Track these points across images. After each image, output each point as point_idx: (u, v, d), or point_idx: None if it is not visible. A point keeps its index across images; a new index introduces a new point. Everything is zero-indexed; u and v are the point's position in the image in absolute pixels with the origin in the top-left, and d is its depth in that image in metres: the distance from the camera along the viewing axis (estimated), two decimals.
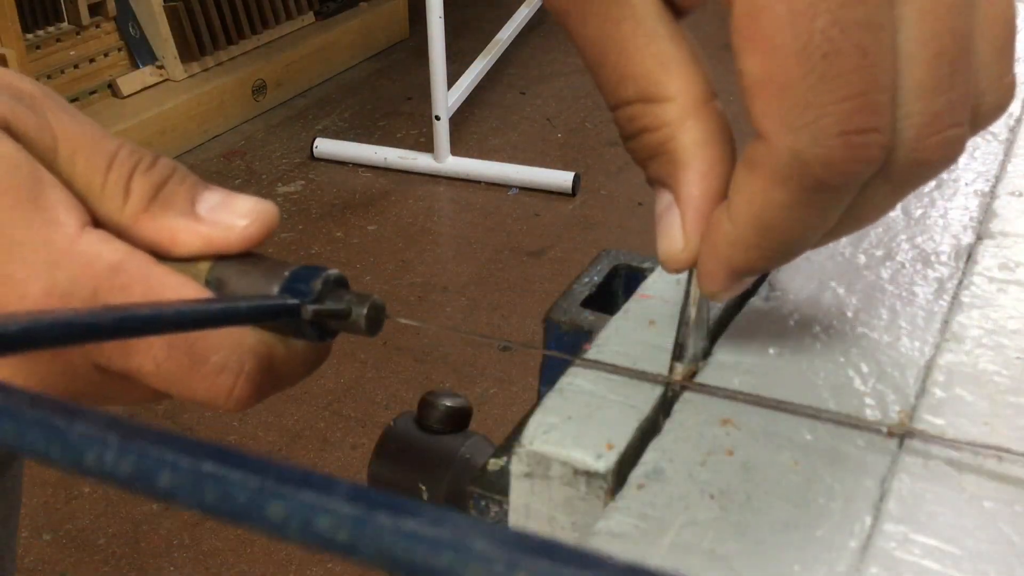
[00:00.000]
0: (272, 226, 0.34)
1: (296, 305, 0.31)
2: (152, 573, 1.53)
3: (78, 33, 2.57)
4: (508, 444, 0.38)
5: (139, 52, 2.73)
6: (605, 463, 0.31)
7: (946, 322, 0.37)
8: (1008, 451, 0.31)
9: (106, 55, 2.66)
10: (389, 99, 3.00)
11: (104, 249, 0.31)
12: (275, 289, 0.32)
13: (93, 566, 1.55)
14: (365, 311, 0.32)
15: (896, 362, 0.35)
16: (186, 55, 2.75)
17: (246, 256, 0.33)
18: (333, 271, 0.32)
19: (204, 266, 0.33)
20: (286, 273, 0.32)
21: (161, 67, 2.75)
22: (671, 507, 0.29)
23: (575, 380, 0.35)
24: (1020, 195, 0.45)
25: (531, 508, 0.33)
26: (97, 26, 2.62)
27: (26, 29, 2.39)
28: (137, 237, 0.32)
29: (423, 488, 0.47)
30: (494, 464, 0.38)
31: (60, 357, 0.32)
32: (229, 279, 0.32)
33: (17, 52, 2.25)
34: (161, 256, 0.32)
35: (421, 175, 2.57)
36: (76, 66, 2.57)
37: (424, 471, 0.47)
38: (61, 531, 1.60)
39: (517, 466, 0.32)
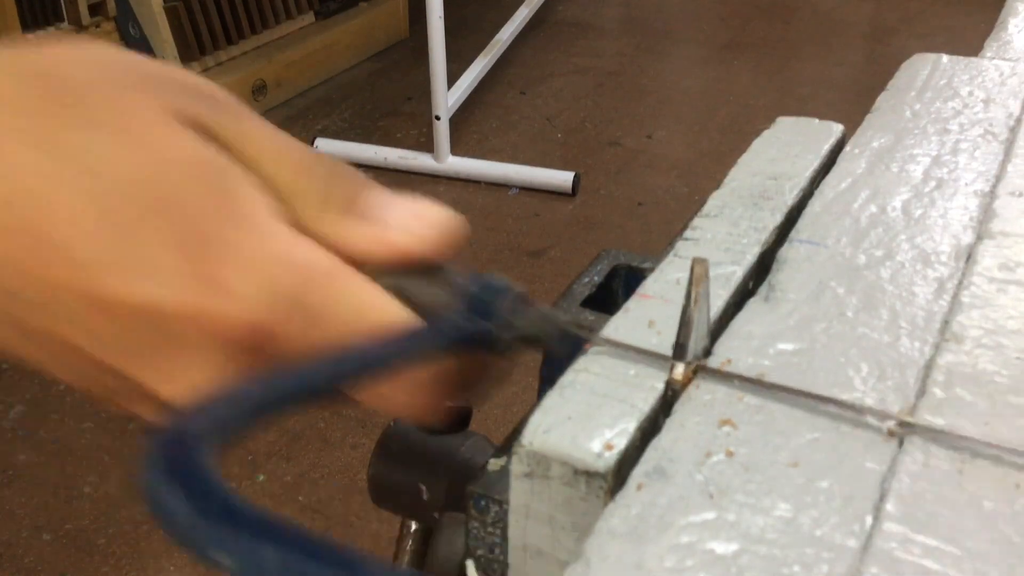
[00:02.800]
0: (459, 234, 0.34)
1: (489, 332, 0.32)
2: (152, 573, 1.53)
3: (78, 33, 2.57)
4: (508, 444, 0.38)
5: (139, 52, 2.72)
6: (605, 463, 0.31)
7: (946, 322, 0.37)
8: (1008, 449, 0.31)
9: None
10: (389, 99, 3.00)
11: (304, 248, 0.31)
12: (461, 306, 0.32)
13: (93, 566, 1.55)
14: (558, 336, 0.33)
15: (896, 362, 0.35)
16: (186, 55, 2.75)
17: (429, 267, 0.33)
18: (516, 287, 0.33)
19: (391, 276, 0.33)
20: (472, 289, 0.33)
21: None
22: (671, 507, 0.29)
23: (575, 380, 0.35)
24: (1020, 195, 0.45)
25: (531, 508, 0.33)
26: (97, 26, 2.62)
27: (26, 29, 2.39)
28: (330, 245, 0.32)
29: (423, 488, 0.47)
30: (494, 464, 0.38)
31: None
32: (412, 290, 0.33)
33: None
34: (349, 260, 0.32)
35: (421, 175, 2.57)
36: None
37: (424, 471, 0.47)
38: (61, 531, 1.60)
39: (517, 466, 0.32)
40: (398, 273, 0.33)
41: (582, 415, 0.33)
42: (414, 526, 0.51)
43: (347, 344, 0.31)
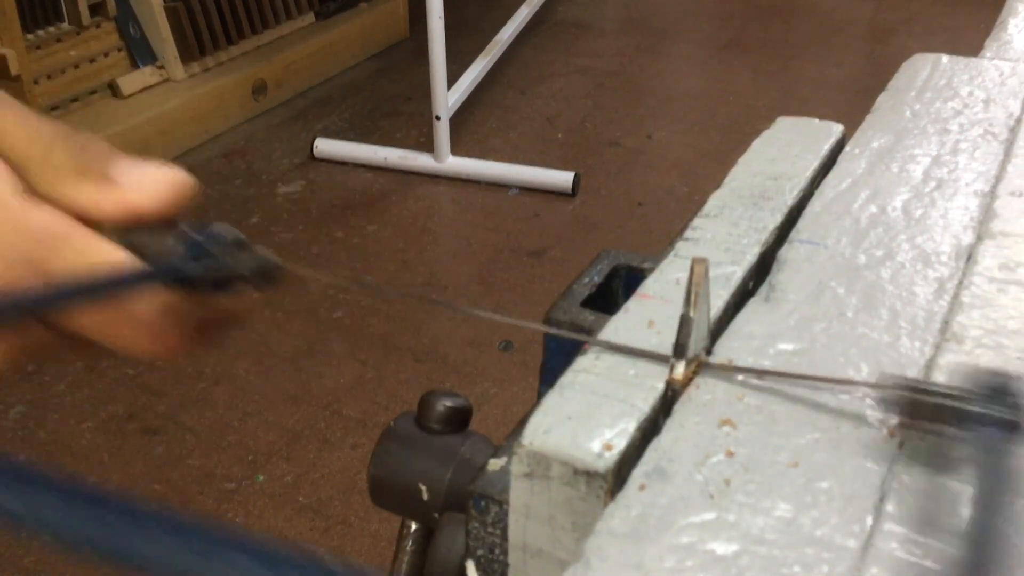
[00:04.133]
0: (183, 190, 0.37)
1: (201, 272, 0.36)
2: None
3: (78, 33, 2.56)
4: (508, 444, 0.38)
5: (139, 52, 2.72)
6: (605, 463, 0.31)
7: (946, 322, 0.37)
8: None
9: (106, 55, 2.65)
10: (389, 99, 3.00)
11: (37, 214, 0.35)
12: (181, 251, 0.36)
13: (93, 566, 1.55)
14: (255, 270, 0.36)
15: (896, 362, 0.35)
16: (186, 55, 2.75)
17: (162, 222, 0.37)
18: (234, 232, 0.36)
19: (128, 232, 0.36)
20: (196, 237, 0.36)
21: (161, 67, 2.75)
22: (671, 507, 0.29)
23: (575, 380, 0.35)
24: (1020, 195, 0.45)
25: (531, 508, 0.33)
26: (97, 26, 2.62)
27: (26, 29, 2.39)
28: (64, 205, 0.36)
29: (423, 488, 0.47)
30: (494, 464, 0.38)
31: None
32: (145, 243, 0.36)
33: (17, 52, 2.24)
34: (88, 221, 0.36)
35: (421, 175, 2.57)
36: (76, 66, 2.57)
37: (424, 471, 0.47)
38: None
39: (517, 466, 0.32)
40: (134, 229, 0.36)
41: (582, 415, 0.33)
42: (414, 526, 0.51)
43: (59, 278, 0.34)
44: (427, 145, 2.58)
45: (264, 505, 1.63)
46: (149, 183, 0.37)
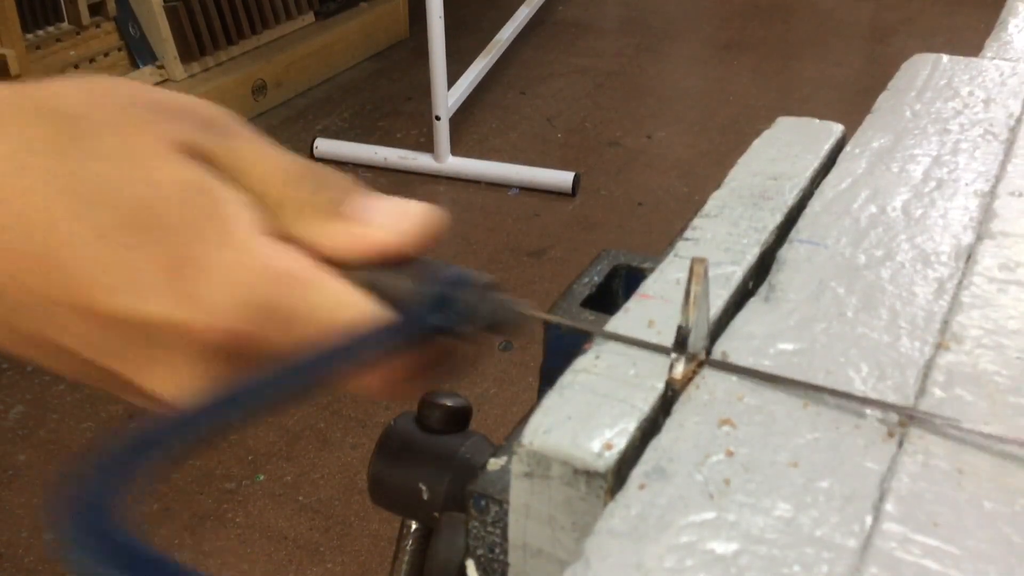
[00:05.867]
0: (437, 228, 0.35)
1: (452, 323, 0.34)
2: None
3: (78, 33, 2.57)
4: (508, 444, 0.38)
5: (139, 52, 2.72)
6: (605, 463, 0.31)
7: (946, 322, 0.37)
8: (1007, 440, 0.31)
9: (106, 55, 2.65)
10: (389, 99, 3.00)
11: (277, 256, 0.33)
12: (429, 297, 0.34)
13: None
14: (513, 323, 0.35)
15: (896, 362, 0.35)
16: (186, 55, 2.75)
17: (406, 260, 0.35)
18: (483, 278, 0.34)
19: (370, 271, 0.34)
20: (440, 281, 0.34)
21: (161, 67, 2.75)
22: (671, 507, 0.29)
23: (575, 380, 0.35)
24: (1020, 195, 0.45)
25: (531, 508, 0.33)
26: (97, 26, 2.62)
27: (26, 29, 2.39)
28: (314, 248, 0.34)
29: (423, 488, 0.47)
30: (494, 464, 0.38)
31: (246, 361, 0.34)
32: (387, 284, 0.34)
33: (17, 52, 2.24)
34: (332, 261, 0.34)
35: (421, 175, 2.57)
36: (76, 66, 2.57)
37: (424, 471, 0.47)
38: None
39: (517, 466, 0.33)
40: (377, 268, 0.34)
41: (582, 415, 0.33)
42: (414, 526, 0.51)
43: (318, 344, 0.33)
44: (427, 145, 2.58)
45: (264, 505, 1.63)
46: (397, 220, 0.35)
